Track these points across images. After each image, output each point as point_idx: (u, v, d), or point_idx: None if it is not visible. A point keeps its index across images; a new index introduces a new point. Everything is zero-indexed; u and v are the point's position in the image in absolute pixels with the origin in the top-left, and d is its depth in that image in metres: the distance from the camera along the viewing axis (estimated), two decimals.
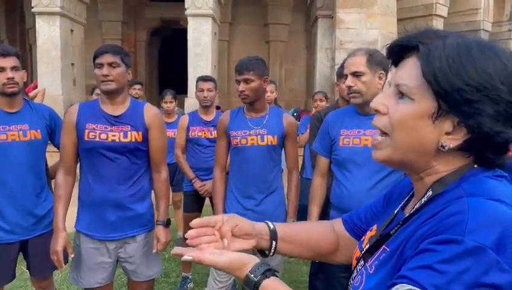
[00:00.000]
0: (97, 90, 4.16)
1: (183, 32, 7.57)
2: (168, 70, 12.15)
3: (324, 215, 2.26)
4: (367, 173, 1.96)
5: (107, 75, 1.95)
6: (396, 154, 0.71)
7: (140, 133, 2.05)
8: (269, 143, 2.28)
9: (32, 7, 6.75)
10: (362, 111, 2.02)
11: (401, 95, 0.69)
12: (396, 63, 0.73)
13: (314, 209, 2.22)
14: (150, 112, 2.10)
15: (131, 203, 2.06)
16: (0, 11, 10.90)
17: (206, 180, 3.17)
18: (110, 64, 1.96)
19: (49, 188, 2.38)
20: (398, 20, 7.74)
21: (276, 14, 9.99)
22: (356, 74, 1.95)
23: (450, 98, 0.64)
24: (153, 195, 2.21)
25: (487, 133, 0.63)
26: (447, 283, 0.54)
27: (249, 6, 10.08)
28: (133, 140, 2.02)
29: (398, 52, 0.73)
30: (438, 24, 8.61)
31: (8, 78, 2.10)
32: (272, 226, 0.96)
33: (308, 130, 3.80)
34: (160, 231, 2.12)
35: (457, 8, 9.37)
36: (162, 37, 12.12)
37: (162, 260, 3.83)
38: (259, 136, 2.27)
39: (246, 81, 2.22)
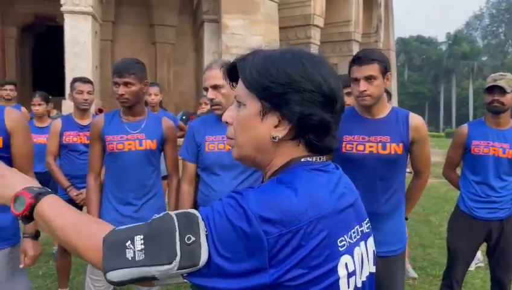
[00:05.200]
0: None
1: (58, 30, 7.03)
2: (43, 70, 11.15)
3: None
4: (234, 175, 2.07)
5: None
6: (242, 152, 0.84)
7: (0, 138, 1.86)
8: (148, 148, 2.24)
9: None
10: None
11: (239, 104, 0.83)
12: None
13: None
14: (11, 115, 1.92)
15: None
16: None
17: (83, 188, 2.99)
18: None
19: None
20: (281, 28, 8.19)
21: (162, 15, 9.81)
22: (216, 87, 2.05)
23: (265, 95, 0.79)
24: None
25: (301, 117, 0.77)
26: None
27: (132, 6, 9.73)
28: None
29: (233, 74, 0.87)
30: (316, 34, 9.30)
31: None
32: None
33: None
34: (27, 244, 1.95)
35: (332, 19, 10.22)
36: (36, 34, 11.10)
37: (36, 277, 3.52)
38: (137, 141, 2.22)
39: (126, 84, 2.16)
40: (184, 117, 6.17)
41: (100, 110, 3.92)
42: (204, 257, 0.68)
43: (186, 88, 10.43)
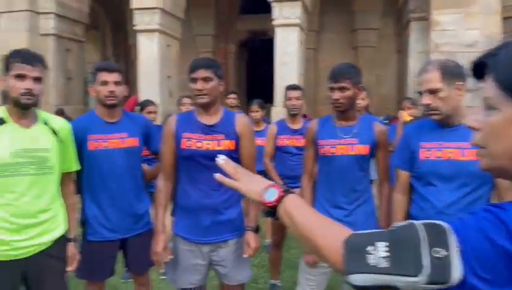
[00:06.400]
0: (183, 100, 4.39)
1: (268, 43, 7.74)
2: (255, 81, 12.46)
3: None
4: (453, 186, 1.86)
5: (201, 90, 2.07)
6: (495, 163, 0.72)
7: (232, 141, 2.13)
8: (359, 153, 2.22)
9: (135, 25, 7.40)
10: (443, 123, 1.92)
11: (488, 107, 0.72)
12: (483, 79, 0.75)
13: None
14: (241, 121, 2.19)
15: (224, 208, 2.14)
16: (107, 30, 12.11)
17: (294, 188, 3.17)
18: (204, 79, 2.07)
19: (145, 191, 2.54)
20: (504, 18, 7.10)
21: (365, 19, 9.76)
22: (433, 91, 1.86)
23: None
24: None
25: None
26: None
27: (336, 14, 9.99)
28: (226, 148, 2.11)
29: (480, 70, 0.76)
30: None
31: (109, 92, 2.28)
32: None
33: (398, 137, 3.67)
34: (250, 237, 2.17)
35: None
36: (250, 48, 12.49)
37: (251, 266, 3.91)
38: (349, 146, 2.22)
39: (342, 89, 2.17)
40: (387, 121, 5.97)
41: (304, 116, 4.11)
42: (456, 274, 0.62)
43: (387, 91, 10.11)
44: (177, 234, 2.22)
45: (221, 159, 1.06)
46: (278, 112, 6.82)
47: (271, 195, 0.93)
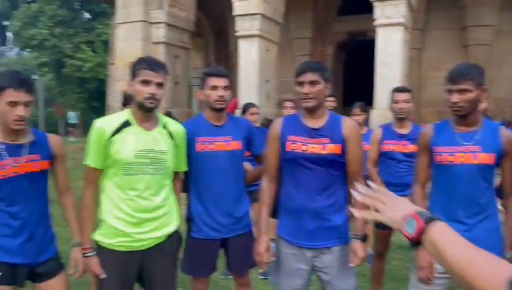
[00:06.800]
0: (286, 103, 4.39)
1: (367, 44, 7.47)
2: (352, 82, 12.14)
3: None
4: None
5: (308, 93, 2.04)
6: None
7: (338, 145, 2.07)
8: (482, 162, 2.00)
9: (236, 31, 7.66)
10: None
11: None
12: None
13: None
14: (348, 124, 2.12)
15: (328, 213, 2.09)
16: (210, 37, 12.75)
17: (401, 196, 3.00)
18: (311, 83, 2.04)
19: (246, 191, 2.57)
20: None
21: (478, 15, 8.94)
22: None
23: None
24: None
25: None
26: None
27: (443, 10, 9.30)
28: (331, 152, 2.06)
29: None
30: None
31: (219, 96, 2.35)
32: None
33: None
34: (357, 245, 2.09)
35: None
36: (347, 50, 12.21)
37: None
38: (470, 154, 2.02)
39: (462, 91, 1.97)
40: (502, 126, 5.39)
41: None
42: None
43: (503, 93, 9.15)
44: (280, 236, 2.21)
45: (358, 194, 0.99)
46: (378, 114, 6.55)
47: (410, 227, 0.84)
